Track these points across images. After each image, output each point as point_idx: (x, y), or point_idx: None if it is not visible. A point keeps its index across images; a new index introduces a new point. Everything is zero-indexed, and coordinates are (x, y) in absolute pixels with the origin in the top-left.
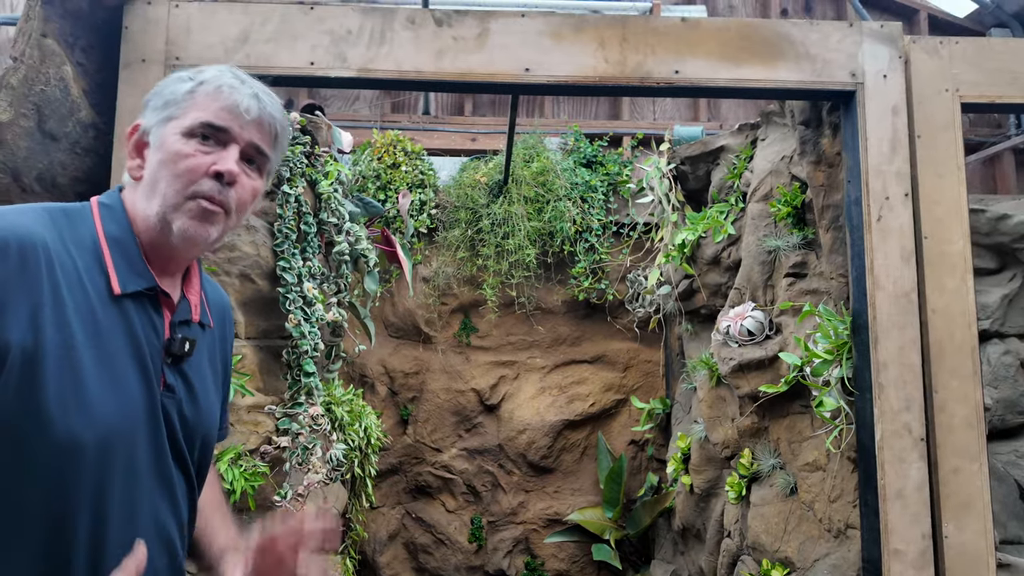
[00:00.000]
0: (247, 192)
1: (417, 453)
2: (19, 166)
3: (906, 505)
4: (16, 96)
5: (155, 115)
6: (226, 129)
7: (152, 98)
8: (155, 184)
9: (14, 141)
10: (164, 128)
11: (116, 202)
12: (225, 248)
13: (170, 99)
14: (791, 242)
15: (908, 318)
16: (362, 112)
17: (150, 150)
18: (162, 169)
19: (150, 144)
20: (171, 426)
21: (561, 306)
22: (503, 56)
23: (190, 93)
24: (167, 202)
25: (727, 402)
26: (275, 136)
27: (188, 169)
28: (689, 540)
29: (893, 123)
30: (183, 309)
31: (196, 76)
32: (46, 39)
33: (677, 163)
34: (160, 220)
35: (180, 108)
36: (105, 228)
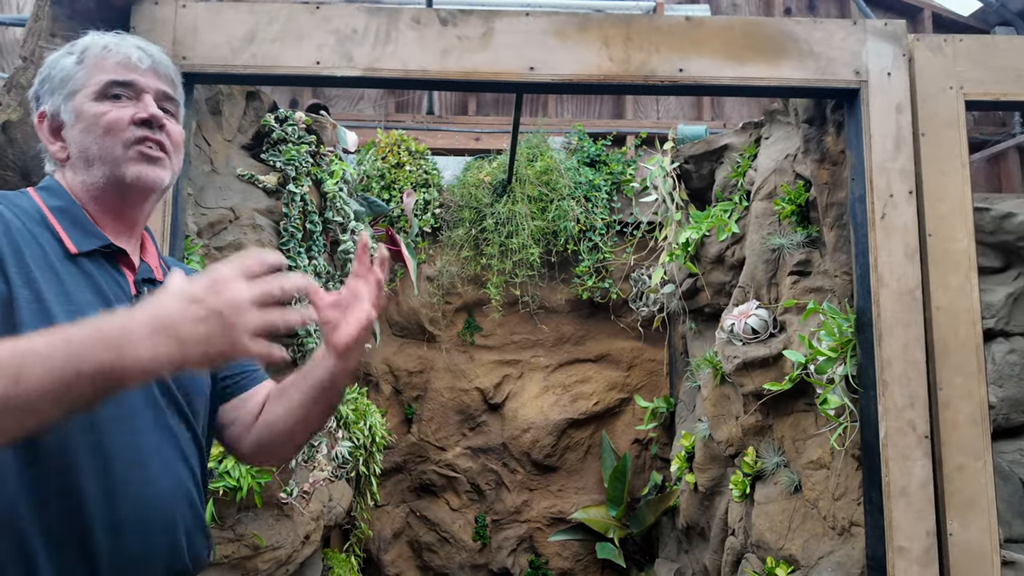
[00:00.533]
0: (176, 134)
1: (421, 452)
2: (28, 164)
3: (910, 502)
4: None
5: (56, 97)
6: (131, 82)
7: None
8: (87, 152)
9: (24, 140)
10: (72, 102)
11: (52, 183)
12: (231, 246)
13: (63, 76)
14: (795, 240)
15: (912, 315)
16: (366, 112)
17: (67, 128)
18: (88, 135)
19: (65, 123)
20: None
21: (565, 305)
22: (508, 55)
23: (79, 63)
24: (108, 160)
25: (731, 400)
26: (172, 81)
27: (112, 123)
28: (693, 538)
29: (897, 121)
30: (144, 270)
31: (75, 48)
32: (55, 39)
33: (681, 162)
34: (108, 178)
35: (77, 80)
36: (47, 203)
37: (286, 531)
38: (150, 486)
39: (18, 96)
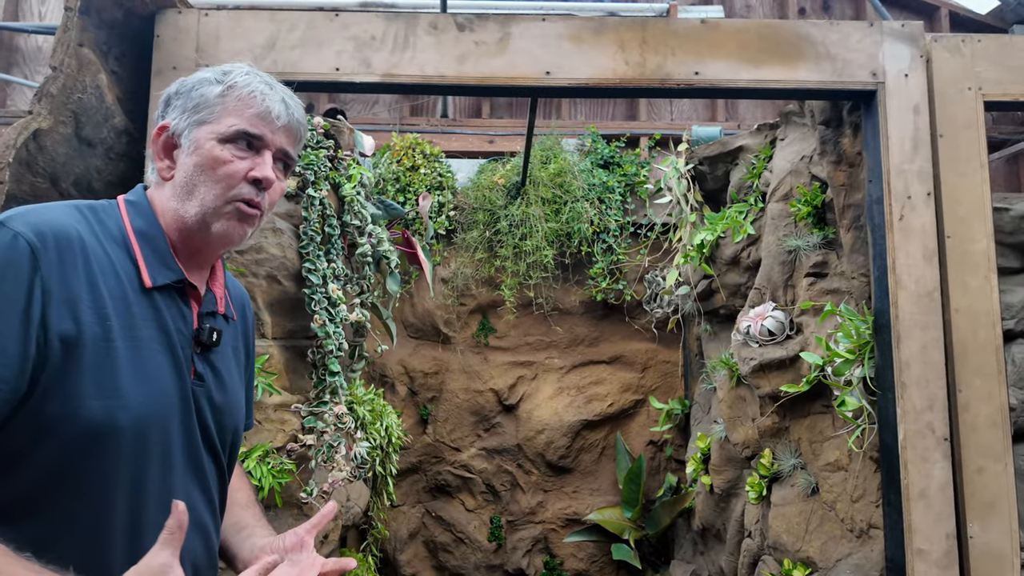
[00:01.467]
0: (277, 193)
1: (437, 452)
2: (57, 171)
3: (930, 505)
4: (55, 104)
5: (185, 117)
6: (260, 136)
7: (178, 98)
8: (192, 187)
9: (53, 147)
10: (197, 131)
11: (142, 199)
12: (252, 250)
13: (200, 102)
14: (811, 242)
15: (931, 317)
16: (381, 115)
17: (181, 152)
18: (200, 174)
19: (181, 146)
20: (201, 414)
21: (579, 307)
22: (524, 60)
23: (221, 97)
24: (207, 206)
25: (747, 402)
26: (299, 139)
27: (228, 175)
28: (709, 540)
29: (915, 122)
30: (209, 301)
31: (225, 79)
32: (83, 48)
33: (695, 163)
34: (199, 221)
35: (213, 113)
36: (133, 223)
37: None
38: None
39: (48, 104)
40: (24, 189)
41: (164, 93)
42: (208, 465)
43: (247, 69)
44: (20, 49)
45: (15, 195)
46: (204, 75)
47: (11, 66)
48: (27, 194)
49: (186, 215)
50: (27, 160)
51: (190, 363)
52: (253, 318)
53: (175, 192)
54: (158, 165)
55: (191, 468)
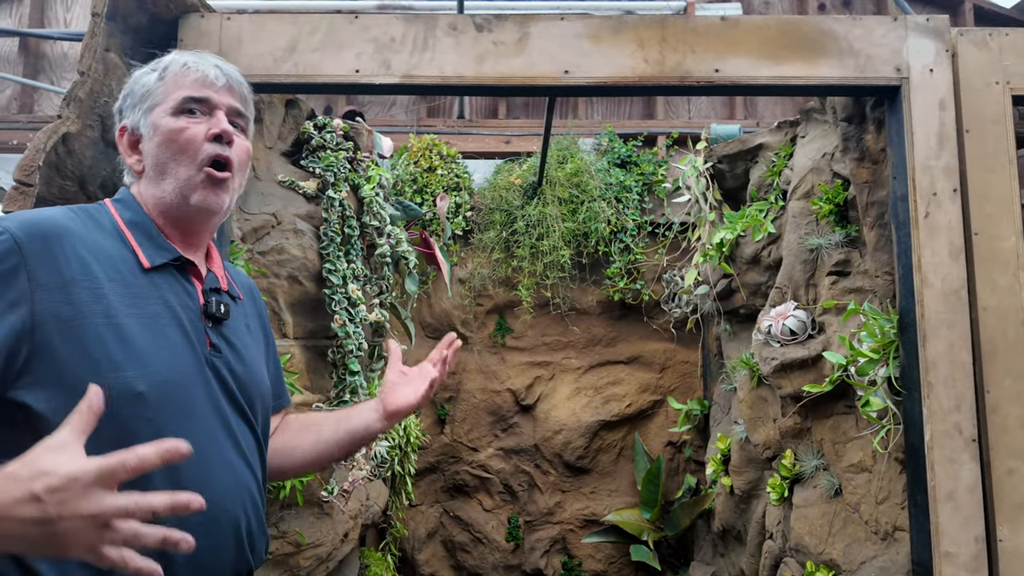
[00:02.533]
0: (243, 151)
1: (454, 452)
2: (85, 174)
3: (957, 507)
4: (83, 108)
5: (136, 111)
6: (206, 99)
7: (125, 99)
8: (163, 166)
9: (81, 151)
10: (150, 116)
11: (126, 196)
12: (274, 251)
13: (144, 91)
14: (833, 240)
15: (958, 316)
16: (398, 117)
17: (144, 142)
18: (165, 150)
19: (143, 136)
20: (223, 380)
21: (596, 307)
22: (543, 59)
23: (160, 80)
24: (180, 179)
25: (768, 402)
26: (244, 98)
27: (189, 140)
28: (729, 542)
29: (940, 118)
30: (211, 279)
31: (157, 65)
32: (109, 53)
33: (714, 161)
34: (177, 196)
35: (157, 95)
36: (122, 216)
37: (326, 529)
38: (215, 489)
39: (76, 109)
40: (53, 192)
41: (114, 106)
42: (241, 431)
43: (175, 53)
44: (47, 55)
45: (45, 198)
46: (140, 72)
47: (38, 72)
48: (56, 197)
49: (164, 195)
50: (56, 163)
51: (203, 335)
52: (262, 301)
53: (150, 178)
54: (129, 162)
55: (223, 432)
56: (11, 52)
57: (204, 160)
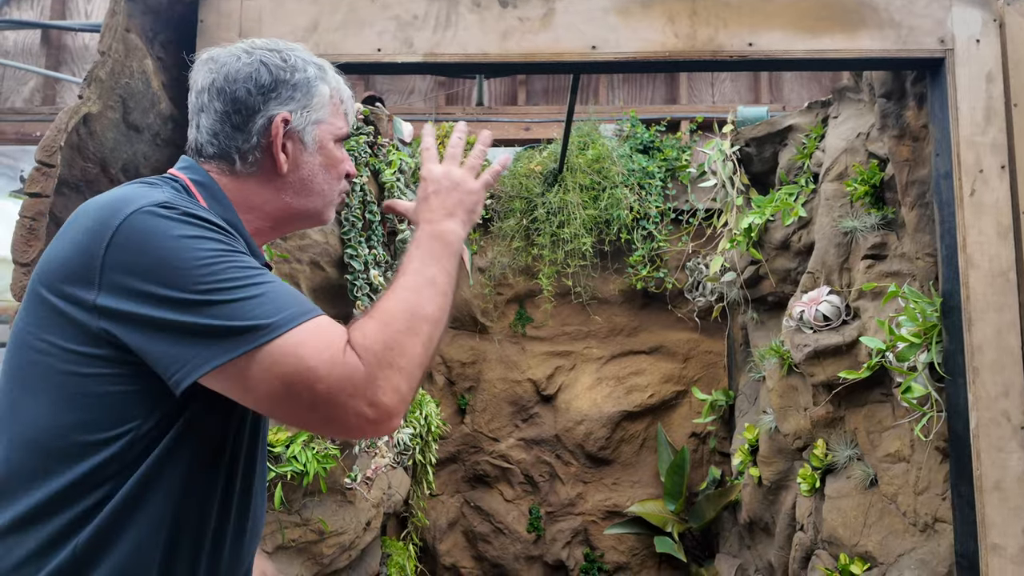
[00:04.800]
0: None
1: (475, 442)
2: (107, 156)
3: (1005, 497)
4: (104, 89)
5: (304, 114)
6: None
7: (289, 89)
8: (314, 184)
9: (102, 132)
10: (318, 130)
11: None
12: (296, 236)
13: (318, 101)
14: (869, 223)
15: (1006, 298)
16: (417, 105)
17: (302, 151)
18: (324, 172)
19: (304, 145)
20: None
21: (618, 295)
22: (569, 35)
23: (331, 97)
24: (328, 199)
25: (799, 391)
26: None
27: (343, 173)
28: (756, 534)
29: (987, 91)
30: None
31: (324, 75)
32: (129, 34)
33: (741, 145)
34: (318, 212)
35: (325, 111)
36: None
37: (349, 517)
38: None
39: (97, 89)
40: (76, 174)
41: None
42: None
43: (330, 64)
44: (68, 48)
45: (67, 180)
46: (308, 71)
47: (60, 64)
48: (78, 179)
49: (307, 207)
50: (78, 145)
51: None
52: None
53: (291, 188)
54: (279, 157)
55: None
56: (33, 44)
57: (342, 190)
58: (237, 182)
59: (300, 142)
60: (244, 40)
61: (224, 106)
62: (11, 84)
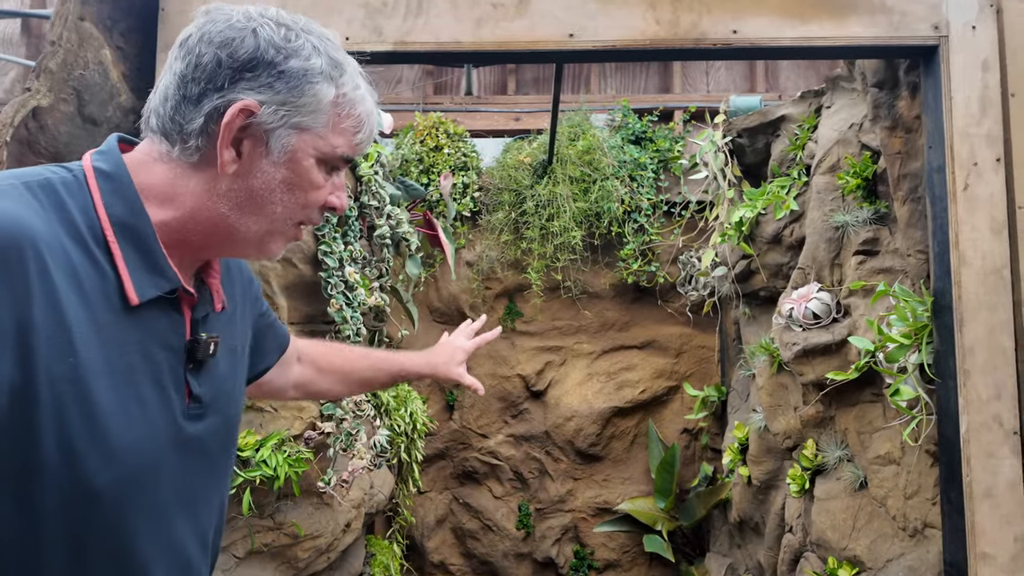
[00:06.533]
0: None
1: (463, 439)
2: (61, 151)
3: (996, 505)
4: (55, 80)
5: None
6: (351, 160)
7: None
8: (266, 202)
9: (55, 126)
10: (296, 139)
11: (120, 169)
12: None
13: (310, 103)
14: (861, 217)
15: (999, 297)
16: (404, 95)
17: (264, 155)
18: (285, 192)
19: (269, 150)
20: (201, 444)
21: (609, 290)
22: (545, 22)
23: (333, 104)
24: (275, 225)
25: (789, 390)
26: None
27: (313, 201)
28: (747, 533)
29: (983, 79)
30: (204, 301)
31: (341, 82)
32: (83, 22)
33: (733, 136)
34: (255, 237)
35: (318, 121)
36: (110, 211)
37: (326, 520)
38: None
39: (48, 81)
40: None
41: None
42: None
43: (354, 67)
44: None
45: None
46: (312, 61)
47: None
48: None
49: (245, 228)
50: (27, 139)
51: (183, 385)
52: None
53: (231, 197)
54: (224, 154)
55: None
56: (14, 34)
57: (303, 220)
58: (168, 169)
59: (264, 144)
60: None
61: (184, 68)
62: None
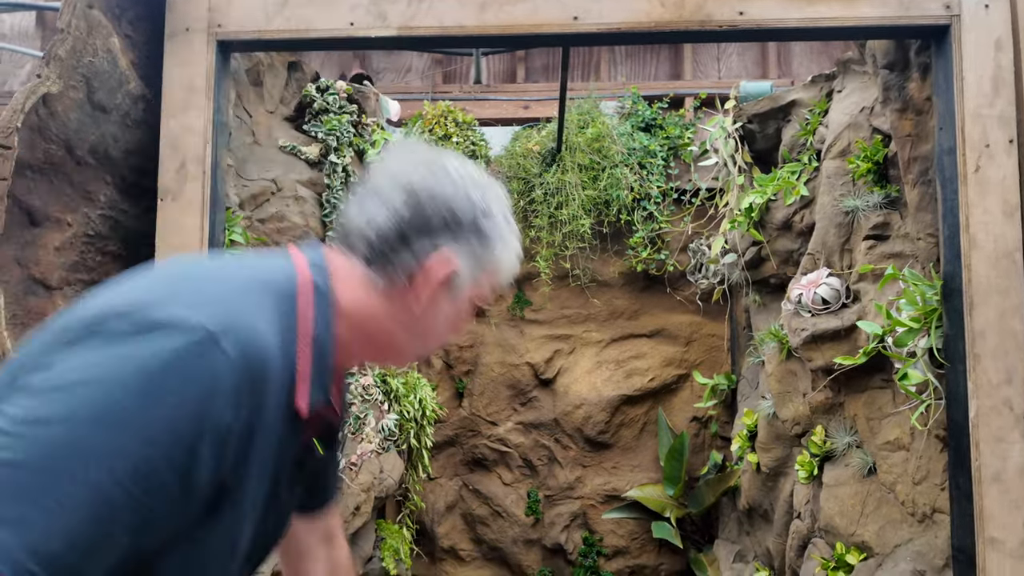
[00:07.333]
0: None
1: (473, 426)
2: (71, 138)
3: (1005, 489)
4: (64, 67)
5: (472, 265)
6: None
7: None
8: (431, 331)
9: (65, 113)
10: (471, 287)
11: (326, 288)
12: (274, 218)
13: (491, 260)
14: (871, 201)
15: (1011, 281)
16: (414, 84)
17: (445, 293)
18: (445, 324)
19: (451, 292)
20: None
21: (618, 278)
22: (549, 5)
23: (496, 258)
24: (429, 350)
25: (798, 376)
26: None
27: (461, 328)
28: (755, 520)
29: (996, 59)
30: (328, 418)
31: (508, 236)
32: (92, 10)
33: (744, 121)
34: (410, 356)
35: (483, 270)
36: (314, 327)
37: None
38: None
39: (57, 68)
40: (38, 156)
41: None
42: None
43: (514, 237)
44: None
45: (29, 163)
46: (498, 224)
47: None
48: (41, 162)
49: (404, 347)
50: (38, 126)
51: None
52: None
53: (412, 326)
54: (423, 296)
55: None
56: (29, 27)
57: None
58: (361, 290)
59: (449, 289)
60: (449, 154)
61: (405, 209)
62: (7, 67)
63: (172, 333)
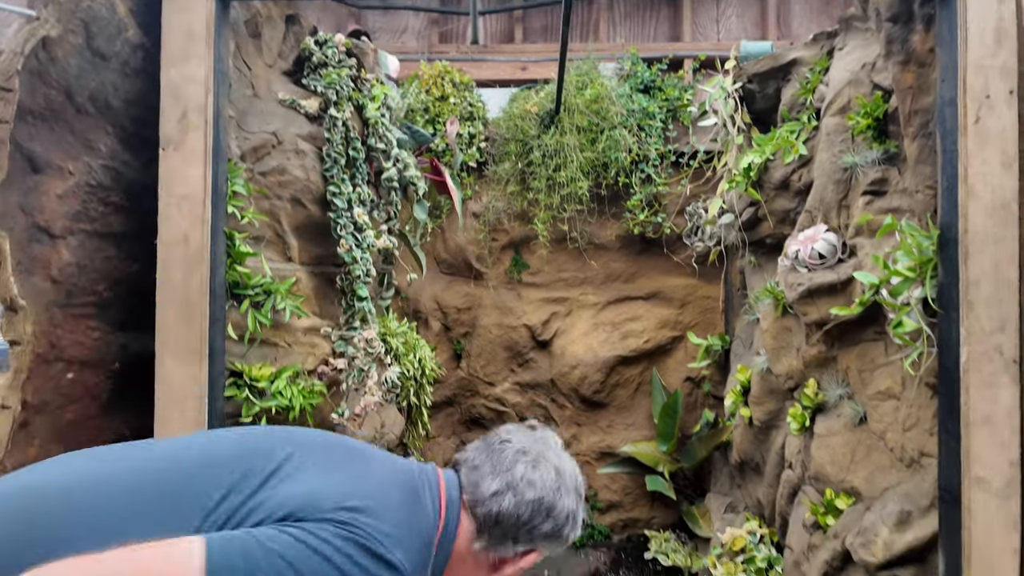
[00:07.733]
0: None
1: (471, 386)
2: (71, 84)
3: (994, 431)
4: (63, 11)
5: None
6: None
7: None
8: None
9: (64, 58)
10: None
11: (453, 535)
12: (275, 172)
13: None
14: (870, 157)
15: (1007, 231)
16: (409, 44)
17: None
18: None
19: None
20: None
21: (615, 241)
22: None
23: (547, 545)
24: None
25: (792, 332)
26: None
27: None
28: (747, 473)
29: (999, 11)
30: None
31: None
32: None
33: (744, 82)
34: None
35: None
36: (435, 560)
37: None
38: None
39: (56, 11)
40: (39, 102)
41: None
42: None
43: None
44: None
45: (30, 108)
46: (568, 534)
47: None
48: (42, 107)
49: None
50: (38, 70)
51: None
52: None
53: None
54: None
55: None
56: None
57: None
58: (465, 547)
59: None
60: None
61: (524, 514)
62: None
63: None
